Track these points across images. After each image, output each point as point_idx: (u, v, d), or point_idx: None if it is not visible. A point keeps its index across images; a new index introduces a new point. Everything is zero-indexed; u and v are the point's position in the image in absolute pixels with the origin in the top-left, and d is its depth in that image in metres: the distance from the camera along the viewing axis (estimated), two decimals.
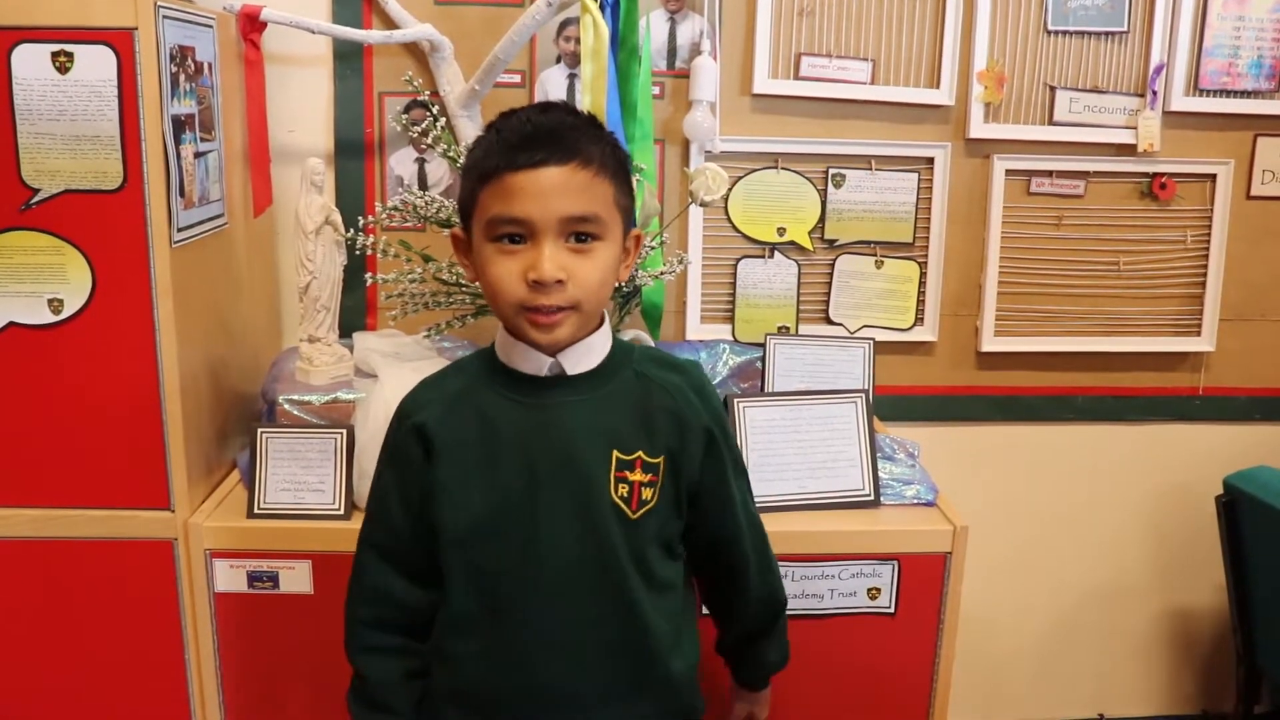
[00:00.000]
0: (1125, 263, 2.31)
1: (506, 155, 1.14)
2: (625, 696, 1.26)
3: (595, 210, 1.16)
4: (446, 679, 1.28)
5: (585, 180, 1.15)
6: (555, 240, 1.15)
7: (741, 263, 2.23)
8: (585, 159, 1.15)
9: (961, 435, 2.37)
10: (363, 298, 2.14)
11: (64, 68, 1.48)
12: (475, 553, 1.23)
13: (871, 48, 2.17)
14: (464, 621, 1.25)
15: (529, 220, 1.14)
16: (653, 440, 1.24)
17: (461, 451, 1.23)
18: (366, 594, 1.31)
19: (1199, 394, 2.41)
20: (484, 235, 1.18)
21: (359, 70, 2.10)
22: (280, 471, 1.69)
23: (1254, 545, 2.17)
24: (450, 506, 1.23)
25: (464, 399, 1.25)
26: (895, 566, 1.71)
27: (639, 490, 1.23)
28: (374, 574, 1.30)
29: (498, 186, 1.15)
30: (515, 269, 1.16)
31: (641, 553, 1.24)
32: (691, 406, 1.26)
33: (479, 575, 1.23)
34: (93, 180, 1.52)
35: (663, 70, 2.14)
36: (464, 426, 1.24)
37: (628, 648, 1.25)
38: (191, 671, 1.69)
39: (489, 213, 1.16)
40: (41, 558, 1.64)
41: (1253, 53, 2.24)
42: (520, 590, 1.22)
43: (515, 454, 1.22)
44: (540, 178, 1.13)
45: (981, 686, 2.53)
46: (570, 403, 1.23)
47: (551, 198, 1.14)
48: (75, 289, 1.56)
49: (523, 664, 1.24)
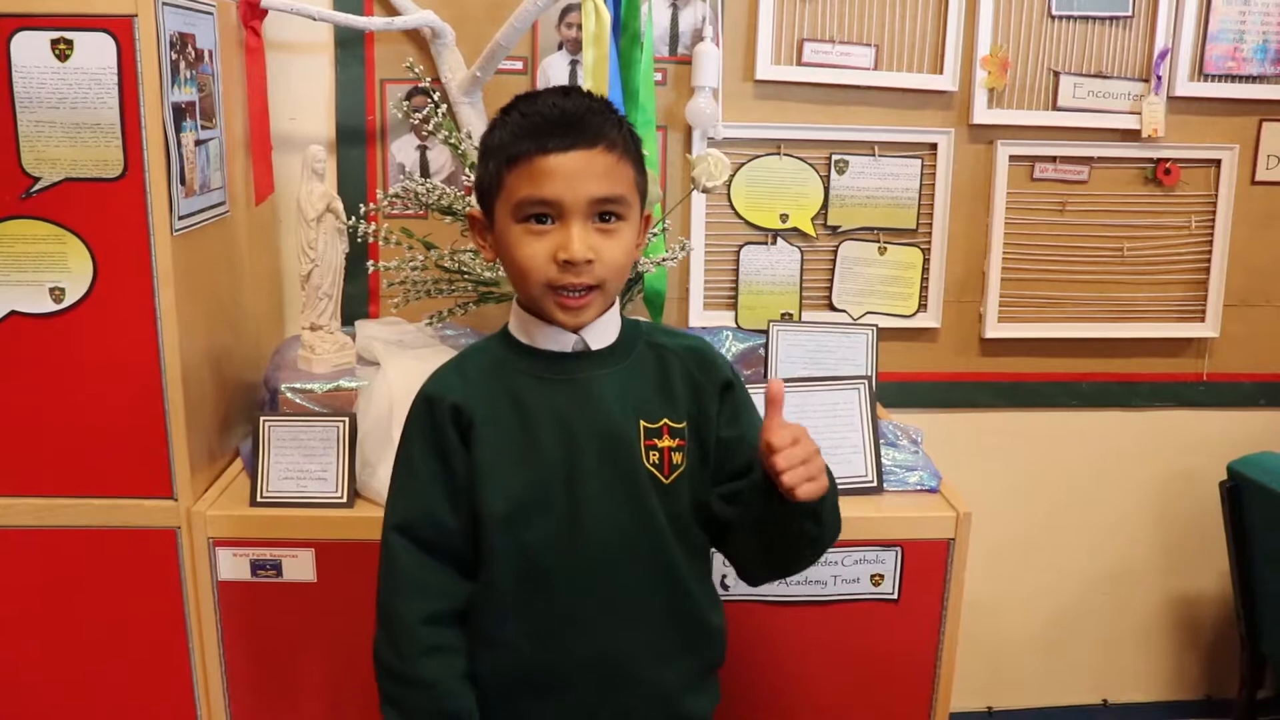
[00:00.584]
0: (1129, 248, 2.30)
1: (536, 139, 1.17)
2: (675, 655, 1.28)
3: (620, 191, 1.19)
4: (496, 664, 1.26)
5: (611, 163, 1.19)
6: (584, 221, 1.18)
7: (744, 249, 2.22)
8: (610, 142, 1.19)
9: (965, 422, 2.37)
10: (365, 285, 2.14)
11: (64, 55, 1.47)
12: (519, 531, 1.23)
13: (874, 33, 2.16)
14: (509, 603, 1.24)
15: (559, 202, 1.17)
16: (675, 406, 1.27)
17: (499, 430, 1.24)
18: (417, 591, 1.24)
19: (1203, 380, 2.40)
20: (511, 216, 1.19)
21: (360, 57, 2.09)
22: (283, 460, 1.69)
23: (1258, 531, 2.16)
24: (492, 486, 1.23)
25: (491, 379, 1.26)
26: (898, 553, 1.71)
27: (669, 456, 1.25)
28: (421, 570, 1.25)
29: (527, 169, 1.17)
30: (544, 249, 1.18)
31: (678, 517, 1.26)
32: (704, 369, 1.30)
33: (523, 553, 1.23)
34: (93, 168, 1.52)
35: (665, 56, 2.13)
36: (498, 406, 1.24)
37: (673, 609, 1.27)
38: (195, 660, 1.70)
39: (518, 194, 1.18)
40: (44, 547, 1.64)
41: (1258, 37, 2.22)
42: (565, 564, 1.23)
43: (551, 430, 1.23)
44: (570, 161, 1.16)
45: (985, 672, 2.53)
46: (597, 375, 1.25)
47: (581, 180, 1.16)
48: (76, 278, 1.55)
49: (575, 637, 1.24)
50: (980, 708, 2.57)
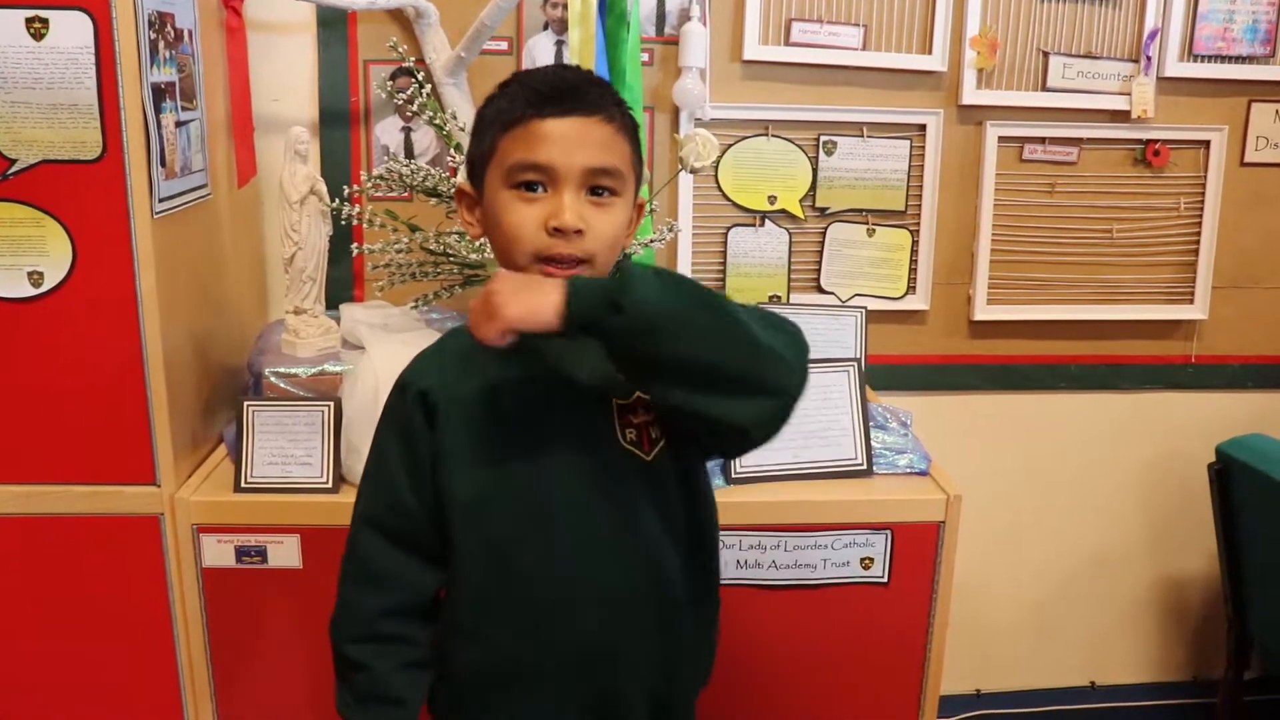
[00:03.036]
0: (1118, 230, 2.30)
1: (535, 103, 1.15)
2: (657, 636, 1.24)
3: (615, 164, 1.17)
4: (473, 656, 1.25)
5: (609, 135, 1.17)
6: (576, 190, 1.15)
7: (732, 231, 2.21)
8: (608, 116, 1.17)
9: (954, 404, 2.36)
10: (349, 269, 2.12)
11: (39, 34, 1.44)
12: (484, 519, 1.21)
13: (863, 13, 2.14)
14: (482, 594, 1.22)
15: (553, 167, 1.14)
16: None
17: (465, 417, 1.21)
18: (377, 580, 1.24)
19: (1192, 362, 2.41)
20: (502, 182, 1.17)
21: (343, 38, 2.07)
22: (267, 445, 1.68)
23: (1246, 512, 2.17)
24: (457, 474, 1.21)
25: (463, 364, 1.24)
26: (888, 536, 1.70)
27: (647, 431, 1.22)
28: (383, 558, 1.24)
29: (523, 133, 1.15)
30: (534, 216, 1.15)
31: (664, 495, 1.23)
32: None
33: (489, 543, 1.21)
34: (71, 150, 1.49)
35: (652, 36, 2.11)
36: (465, 391, 1.22)
37: (651, 592, 1.23)
38: (180, 647, 1.68)
39: (511, 158, 1.16)
40: (26, 534, 1.63)
41: (1247, 17, 2.22)
42: (539, 554, 1.20)
43: (520, 415, 1.21)
44: (566, 126, 1.15)
45: (974, 655, 2.53)
46: (570, 357, 1.21)
47: (577, 147, 1.15)
48: (55, 261, 1.53)
49: (553, 628, 1.22)
50: (969, 690, 2.58)
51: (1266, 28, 2.22)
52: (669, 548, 1.23)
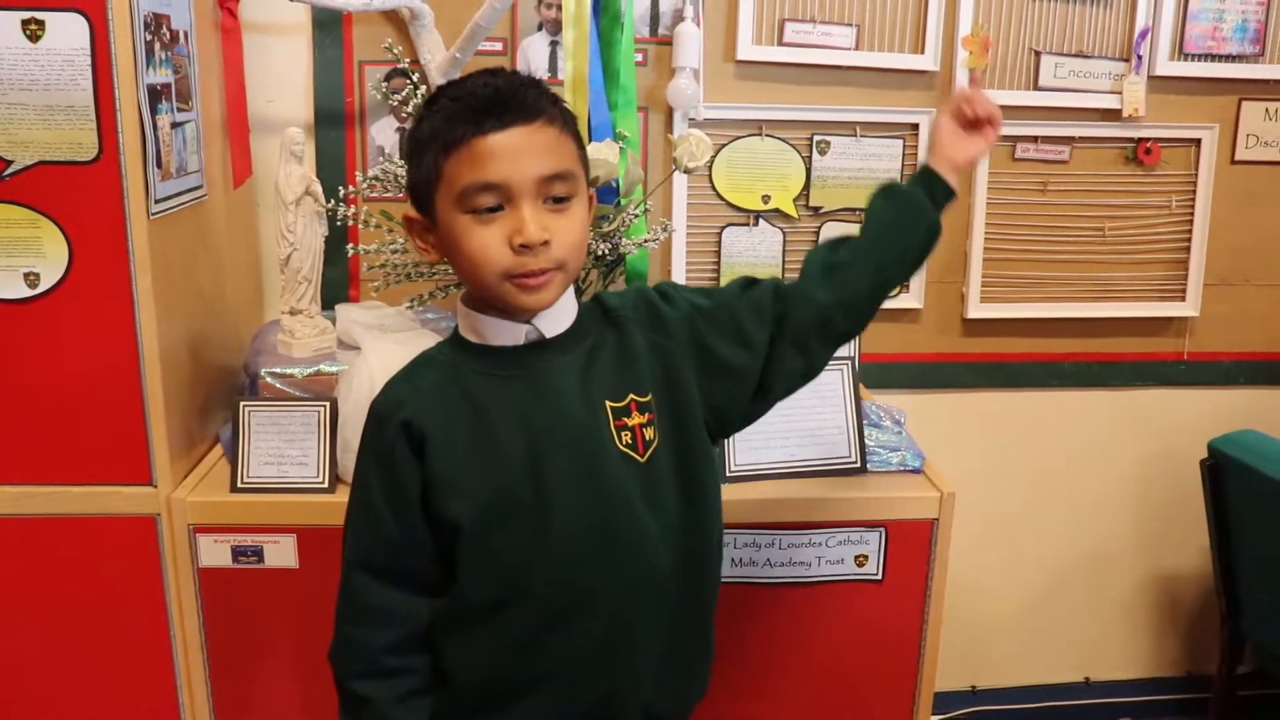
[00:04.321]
0: (1110, 228, 2.31)
1: (472, 119, 1.11)
2: (657, 637, 1.24)
3: (567, 165, 1.15)
4: (474, 673, 1.23)
5: (553, 137, 1.14)
6: (534, 202, 1.12)
7: (726, 231, 2.22)
8: (549, 117, 1.14)
9: (947, 402, 2.37)
10: (345, 269, 2.12)
11: (35, 36, 1.45)
12: (490, 539, 1.18)
13: (856, 13, 2.15)
14: (486, 612, 1.21)
15: (505, 184, 1.11)
16: (639, 378, 1.22)
17: (455, 440, 1.18)
18: (374, 618, 1.22)
19: (1184, 359, 2.42)
20: (455, 207, 1.13)
21: (338, 39, 2.07)
22: (263, 445, 1.68)
23: (1238, 508, 2.18)
24: (455, 497, 1.18)
25: (443, 386, 1.21)
26: (882, 533, 1.71)
27: (641, 433, 1.21)
28: (377, 597, 1.22)
29: (466, 153, 1.12)
30: (496, 237, 1.12)
31: (659, 496, 1.21)
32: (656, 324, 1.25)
33: (496, 561, 1.19)
34: (67, 151, 1.49)
35: (645, 37, 2.11)
36: (452, 413, 1.19)
37: (651, 592, 1.22)
38: (177, 647, 1.69)
39: (460, 182, 1.12)
40: (23, 535, 1.63)
41: (1237, 16, 2.23)
42: (541, 566, 1.18)
43: (510, 428, 1.18)
44: (511, 138, 1.11)
45: (968, 652, 2.54)
46: (554, 365, 1.20)
47: (525, 158, 1.11)
48: (51, 262, 1.53)
49: (554, 639, 1.20)
50: (964, 687, 2.58)
51: (1256, 27, 2.23)
52: (667, 551, 1.22)
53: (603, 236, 1.77)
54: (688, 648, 1.28)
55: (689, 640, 1.28)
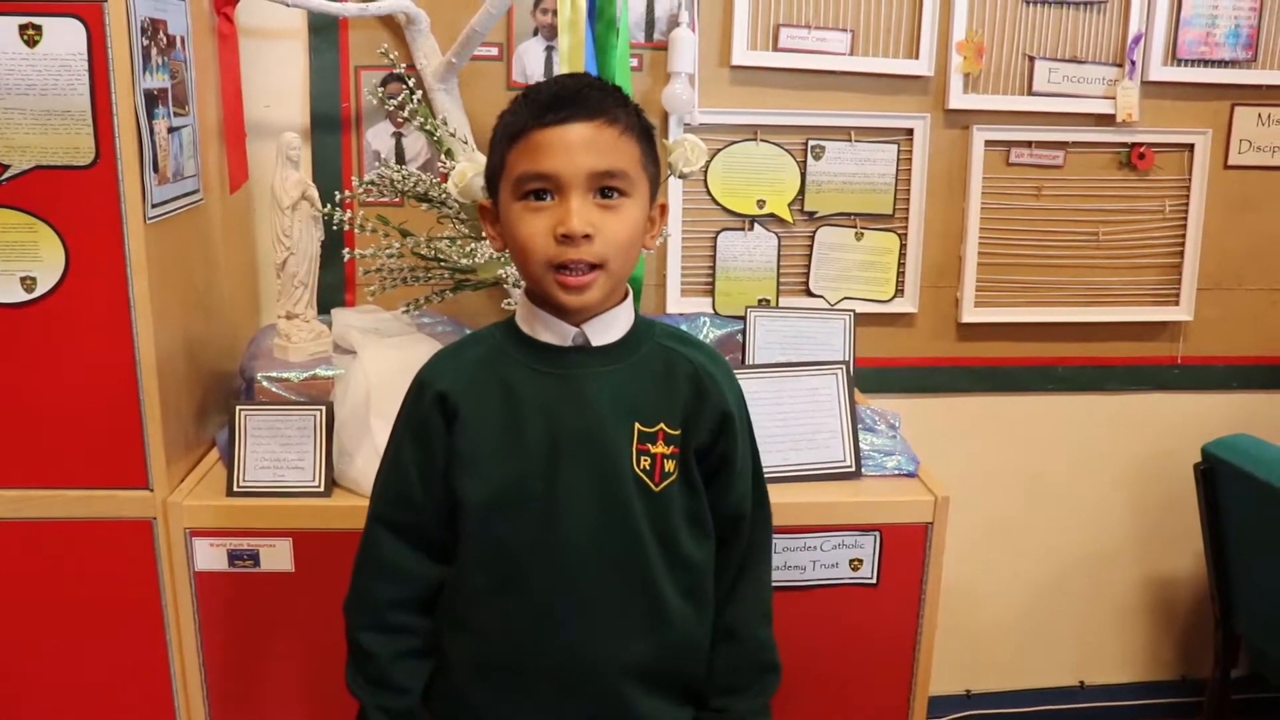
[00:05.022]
0: (1104, 233, 2.32)
1: (534, 114, 1.16)
2: (648, 667, 1.25)
3: (621, 166, 1.17)
4: (465, 650, 1.27)
5: (611, 138, 1.17)
6: (583, 195, 1.16)
7: (721, 235, 2.22)
8: (611, 118, 1.17)
9: (942, 406, 2.38)
10: (341, 274, 2.13)
11: (32, 41, 1.45)
12: (495, 524, 1.22)
13: (850, 18, 2.16)
14: (480, 594, 1.24)
15: (556, 175, 1.15)
16: (673, 411, 1.24)
17: (484, 420, 1.22)
18: (386, 572, 1.27)
19: (1178, 363, 2.42)
20: (512, 195, 1.18)
21: (334, 44, 2.07)
22: (259, 449, 1.68)
23: (1232, 512, 2.18)
24: (471, 477, 1.22)
25: (485, 368, 1.25)
26: (877, 537, 1.71)
27: (661, 462, 1.23)
28: (392, 551, 1.27)
29: (525, 144, 1.17)
30: (543, 225, 1.16)
31: (666, 526, 1.23)
32: (713, 382, 1.27)
33: (497, 547, 1.22)
34: (64, 156, 1.50)
35: (641, 42, 2.12)
36: (486, 395, 1.23)
37: (649, 621, 1.24)
38: (173, 651, 1.69)
39: (517, 170, 1.17)
40: (19, 539, 1.63)
41: (1230, 22, 2.24)
42: (540, 561, 1.21)
43: (537, 424, 1.21)
44: (567, 133, 1.15)
45: (963, 656, 2.54)
46: (594, 373, 1.23)
47: (578, 152, 1.15)
48: (48, 267, 1.54)
49: (543, 636, 1.23)
50: (959, 691, 2.59)
51: (1248, 32, 2.24)
52: (669, 582, 1.24)
53: None
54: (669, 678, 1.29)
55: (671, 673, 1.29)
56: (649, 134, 1.23)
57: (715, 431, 1.26)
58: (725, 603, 1.31)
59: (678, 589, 1.25)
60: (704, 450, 1.26)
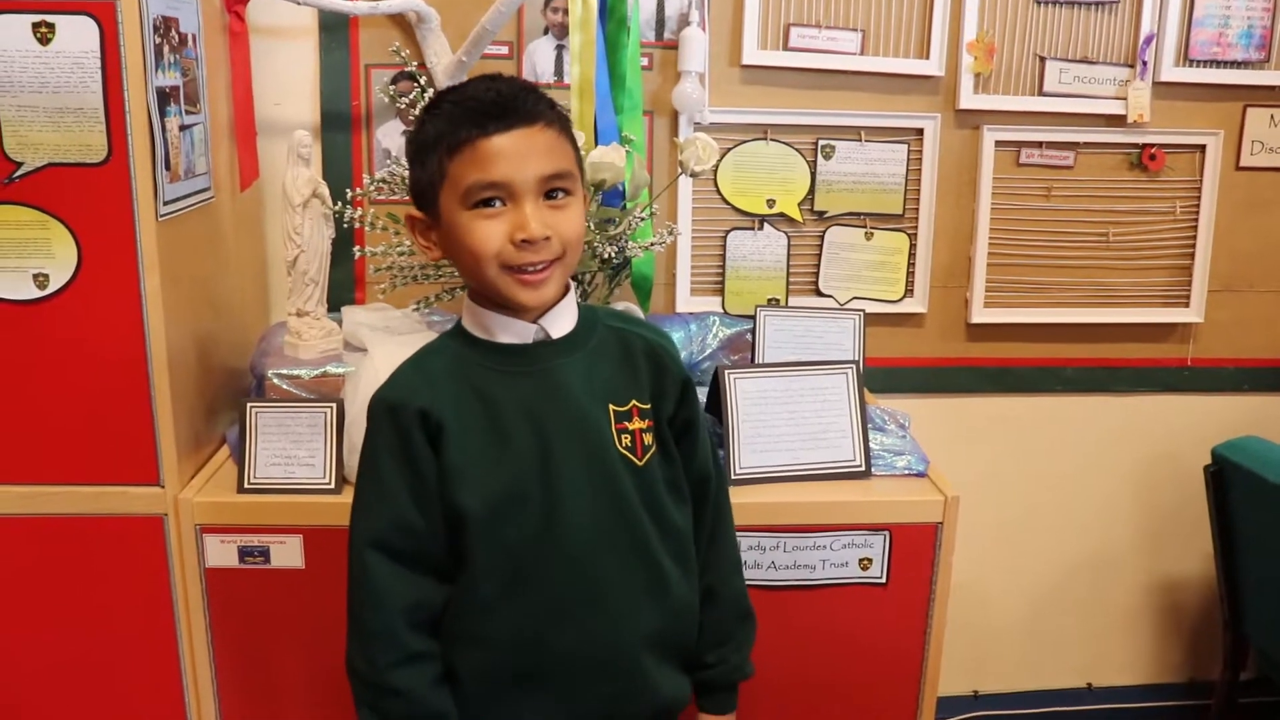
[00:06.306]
0: (1114, 234, 2.31)
1: (477, 122, 1.17)
2: (657, 640, 1.28)
3: (566, 167, 1.20)
4: (480, 662, 1.25)
5: (552, 139, 1.20)
6: (535, 199, 1.18)
7: (731, 235, 2.22)
8: (548, 120, 1.20)
9: (951, 406, 2.38)
10: (351, 272, 2.13)
11: (45, 39, 1.46)
12: (499, 529, 1.22)
13: (861, 18, 2.16)
14: (490, 602, 1.23)
15: (508, 183, 1.17)
16: (640, 386, 1.28)
17: (470, 430, 1.22)
18: (392, 603, 1.23)
19: (1187, 365, 2.42)
20: (460, 204, 1.19)
21: (345, 42, 2.08)
22: (270, 446, 1.68)
23: (1241, 515, 2.18)
24: (468, 489, 1.21)
25: (454, 378, 1.24)
26: (886, 537, 1.71)
27: (640, 437, 1.26)
28: (397, 580, 1.23)
29: (471, 154, 1.17)
30: (498, 231, 1.18)
31: (653, 497, 1.27)
32: (667, 354, 1.32)
33: (505, 551, 1.22)
34: (77, 153, 1.50)
35: (651, 41, 2.12)
36: (465, 405, 1.23)
37: (654, 593, 1.27)
38: (183, 647, 1.69)
39: (465, 181, 1.17)
40: (31, 534, 1.63)
41: (1243, 23, 2.23)
42: (547, 557, 1.22)
43: (523, 424, 1.23)
44: (513, 140, 1.17)
45: (971, 656, 2.54)
46: (561, 364, 1.25)
47: (527, 158, 1.17)
48: (60, 264, 1.54)
49: (558, 629, 1.24)
50: (966, 691, 2.59)
51: (1261, 33, 2.23)
52: (663, 552, 1.28)
53: (609, 239, 1.78)
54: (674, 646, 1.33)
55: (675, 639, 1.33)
56: (570, 128, 1.26)
57: (679, 400, 1.31)
58: (706, 564, 1.36)
59: (671, 555, 1.29)
60: (671, 419, 1.31)
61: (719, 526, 1.39)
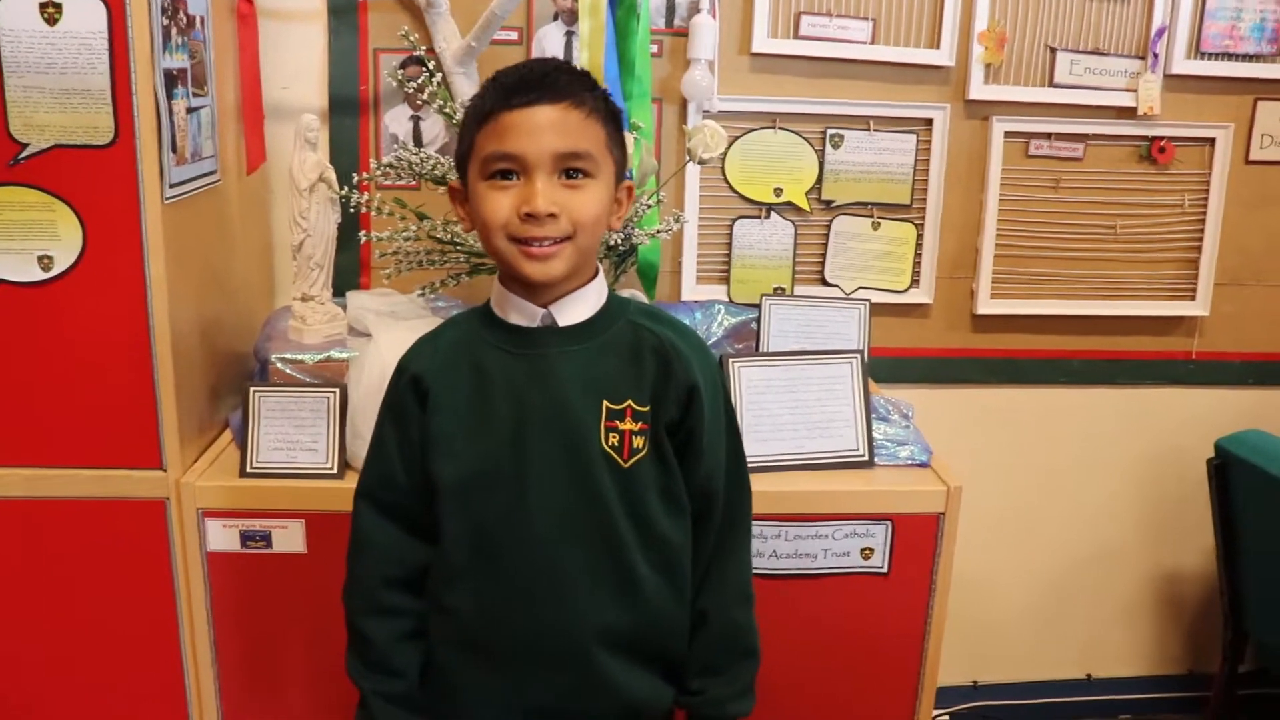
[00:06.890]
0: (1122, 226, 2.30)
1: (502, 97, 1.19)
2: (619, 641, 1.27)
3: (587, 148, 1.20)
4: (445, 629, 1.30)
5: (577, 120, 1.20)
6: (548, 176, 1.19)
7: (738, 223, 2.22)
8: (577, 101, 1.20)
9: (956, 397, 2.37)
10: (356, 256, 2.13)
11: (53, 19, 1.45)
12: (468, 503, 1.25)
13: (872, 7, 2.15)
14: (457, 573, 1.27)
15: (521, 155, 1.18)
16: (641, 387, 1.26)
17: (455, 402, 1.26)
18: (373, 552, 1.31)
19: (1192, 358, 2.41)
20: (479, 174, 1.21)
21: (354, 26, 2.07)
22: (273, 430, 1.69)
23: (1244, 508, 2.18)
24: (444, 457, 1.25)
25: (458, 351, 1.28)
26: (889, 527, 1.71)
27: (629, 439, 1.25)
28: (376, 530, 1.31)
29: (493, 126, 1.19)
30: (508, 202, 1.19)
31: (638, 502, 1.25)
32: (679, 357, 1.26)
33: (471, 526, 1.25)
34: (83, 135, 1.50)
35: (661, 28, 2.11)
36: (458, 377, 1.27)
37: (617, 593, 1.25)
38: (184, 631, 1.70)
39: (484, 151, 1.20)
40: (33, 517, 1.64)
41: (1255, 16, 2.22)
42: (514, 538, 1.24)
43: (506, 404, 1.24)
44: (533, 115, 1.18)
45: (972, 647, 2.54)
46: (561, 353, 1.25)
47: (544, 134, 1.18)
48: (66, 246, 1.54)
49: (518, 612, 1.25)
50: (966, 682, 2.59)
51: (1274, 26, 2.22)
52: (642, 558, 1.26)
53: None
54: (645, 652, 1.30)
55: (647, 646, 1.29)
56: (616, 118, 1.26)
57: (683, 405, 1.27)
58: (701, 586, 1.32)
59: (650, 563, 1.26)
60: (674, 425, 1.27)
61: (725, 553, 1.32)
